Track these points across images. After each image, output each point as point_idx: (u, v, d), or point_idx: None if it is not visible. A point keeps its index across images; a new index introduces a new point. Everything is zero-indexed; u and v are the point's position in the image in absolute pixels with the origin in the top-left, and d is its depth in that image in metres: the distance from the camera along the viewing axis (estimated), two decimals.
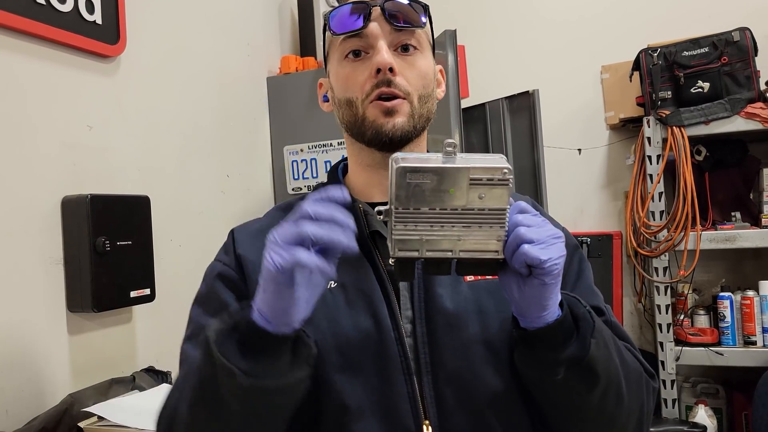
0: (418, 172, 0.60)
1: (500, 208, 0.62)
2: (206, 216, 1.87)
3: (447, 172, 0.60)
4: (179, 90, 1.80)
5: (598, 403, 0.71)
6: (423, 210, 0.61)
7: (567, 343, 0.68)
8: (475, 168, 0.61)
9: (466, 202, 0.61)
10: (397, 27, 0.80)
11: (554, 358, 0.67)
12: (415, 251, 0.63)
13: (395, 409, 0.73)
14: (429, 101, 0.83)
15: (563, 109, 2.67)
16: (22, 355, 1.28)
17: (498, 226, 0.62)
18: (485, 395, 0.75)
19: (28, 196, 1.32)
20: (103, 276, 1.38)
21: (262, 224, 0.87)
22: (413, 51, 0.82)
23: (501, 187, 0.61)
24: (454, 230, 0.62)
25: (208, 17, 1.97)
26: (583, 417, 0.73)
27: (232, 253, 0.84)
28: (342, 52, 0.82)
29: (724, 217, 2.28)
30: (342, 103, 0.83)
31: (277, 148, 2.25)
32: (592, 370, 0.68)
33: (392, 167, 0.61)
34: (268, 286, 0.61)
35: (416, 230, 0.62)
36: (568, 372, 0.67)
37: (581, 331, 0.68)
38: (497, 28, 2.78)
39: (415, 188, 0.61)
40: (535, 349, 0.68)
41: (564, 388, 0.69)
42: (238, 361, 0.62)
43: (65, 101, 1.43)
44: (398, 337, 0.75)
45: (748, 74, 2.15)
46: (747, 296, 2.16)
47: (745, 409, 2.25)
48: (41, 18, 1.34)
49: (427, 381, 0.74)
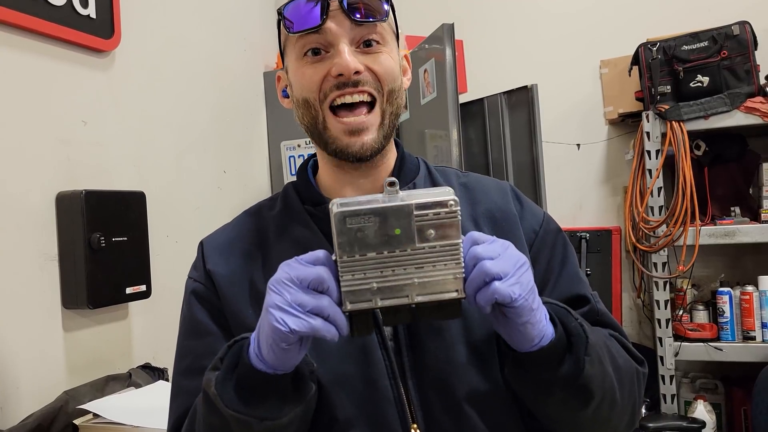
0: (358, 215, 0.57)
1: (452, 243, 0.58)
2: (203, 212, 1.86)
3: (389, 212, 0.57)
4: (175, 85, 1.79)
5: (592, 414, 0.71)
6: (370, 255, 0.58)
7: (561, 364, 0.66)
8: (419, 204, 0.58)
9: (415, 242, 0.58)
10: (358, 22, 0.73)
11: (548, 379, 0.66)
12: (368, 301, 0.59)
13: (383, 415, 0.73)
14: (398, 95, 0.79)
15: (562, 104, 2.66)
16: (17, 352, 1.27)
17: (453, 263, 0.59)
18: (470, 396, 0.74)
19: (22, 191, 1.31)
20: (98, 272, 1.37)
21: (231, 235, 0.85)
22: (377, 46, 0.76)
23: (449, 220, 0.58)
24: (407, 273, 0.59)
25: (204, 12, 1.95)
26: (577, 426, 0.73)
27: (201, 268, 0.83)
28: (300, 50, 0.76)
29: (723, 212, 2.28)
30: (300, 103, 0.79)
31: (274, 143, 2.24)
32: (587, 388, 0.67)
33: (331, 213, 0.58)
34: (276, 347, 0.60)
35: (366, 278, 0.58)
36: (563, 391, 0.67)
37: (574, 348, 0.66)
38: (495, 23, 2.77)
39: (357, 233, 0.57)
40: (527, 370, 0.67)
41: (558, 404, 0.69)
42: (250, 409, 0.63)
43: (59, 96, 1.41)
44: (381, 342, 0.74)
45: (748, 68, 2.14)
46: (746, 291, 2.16)
47: (744, 405, 2.24)
48: (35, 12, 1.32)
49: (412, 385, 0.74)
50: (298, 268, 0.60)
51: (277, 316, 0.58)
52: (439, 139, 2.04)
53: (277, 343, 0.59)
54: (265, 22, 2.27)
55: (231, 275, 0.80)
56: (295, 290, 0.59)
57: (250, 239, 0.83)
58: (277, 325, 0.58)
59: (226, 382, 0.64)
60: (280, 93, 0.87)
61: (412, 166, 0.86)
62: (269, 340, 0.60)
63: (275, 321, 0.58)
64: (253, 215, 0.88)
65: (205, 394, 0.65)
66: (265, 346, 0.61)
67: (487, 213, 0.82)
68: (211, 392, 0.64)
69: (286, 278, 0.59)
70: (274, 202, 0.87)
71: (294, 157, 2.19)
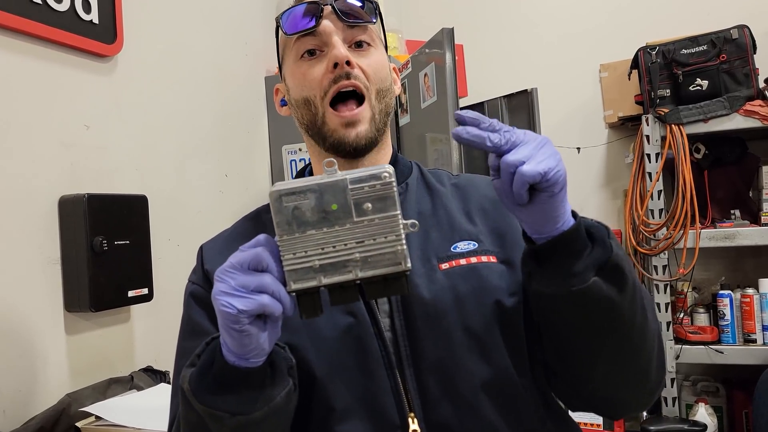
0: (294, 194, 0.58)
1: (390, 215, 0.58)
2: (204, 215, 1.87)
3: (324, 188, 0.58)
4: (177, 89, 1.80)
5: (629, 309, 0.69)
6: (309, 233, 0.58)
7: (587, 249, 0.67)
8: (353, 178, 0.58)
9: (353, 217, 0.58)
10: (350, 23, 0.80)
11: (579, 264, 0.66)
12: (312, 279, 0.59)
13: (380, 404, 0.73)
14: (387, 95, 0.83)
15: (562, 108, 2.67)
16: (20, 355, 1.27)
17: (393, 235, 0.58)
18: (470, 383, 0.74)
19: (25, 195, 1.32)
20: (101, 275, 1.37)
21: (230, 239, 0.87)
22: (367, 47, 0.82)
23: (385, 192, 0.58)
24: (348, 249, 0.58)
25: (206, 16, 1.96)
26: (616, 330, 0.70)
27: (200, 270, 0.85)
28: (297, 53, 0.82)
29: (723, 215, 2.28)
30: (300, 104, 0.83)
31: (276, 147, 2.24)
32: (619, 269, 0.67)
33: (269, 195, 0.59)
34: (231, 331, 0.60)
35: (307, 256, 0.58)
36: (597, 276, 0.66)
37: (597, 235, 0.68)
38: (495, 27, 2.78)
39: (294, 211, 0.58)
40: (556, 262, 0.67)
41: (594, 297, 0.66)
42: (220, 403, 0.63)
43: (62, 101, 1.42)
44: (378, 332, 0.75)
45: (747, 72, 2.15)
46: (747, 294, 2.16)
47: (746, 407, 2.24)
48: (37, 17, 1.33)
49: (409, 373, 0.74)
50: (239, 255, 0.61)
51: (223, 300, 0.59)
52: (439, 142, 2.05)
53: (230, 326, 0.60)
54: (267, 27, 2.28)
55: None
56: (237, 274, 0.60)
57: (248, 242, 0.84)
58: (225, 309, 0.59)
59: (202, 377, 0.65)
60: (278, 103, 0.91)
61: (404, 167, 0.90)
62: (224, 326, 0.61)
63: (222, 305, 0.59)
64: (252, 220, 0.90)
65: (182, 390, 0.66)
66: (225, 334, 0.62)
67: (478, 206, 0.85)
68: (186, 388, 0.65)
69: (228, 266, 0.61)
70: None
71: (295, 160, 2.20)
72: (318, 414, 0.75)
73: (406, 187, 0.86)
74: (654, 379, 0.77)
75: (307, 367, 0.74)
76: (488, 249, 0.81)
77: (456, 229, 0.82)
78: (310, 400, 0.75)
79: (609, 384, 0.74)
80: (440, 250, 0.80)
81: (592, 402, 0.79)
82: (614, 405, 0.79)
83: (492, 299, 0.77)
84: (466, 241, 0.81)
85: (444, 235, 0.81)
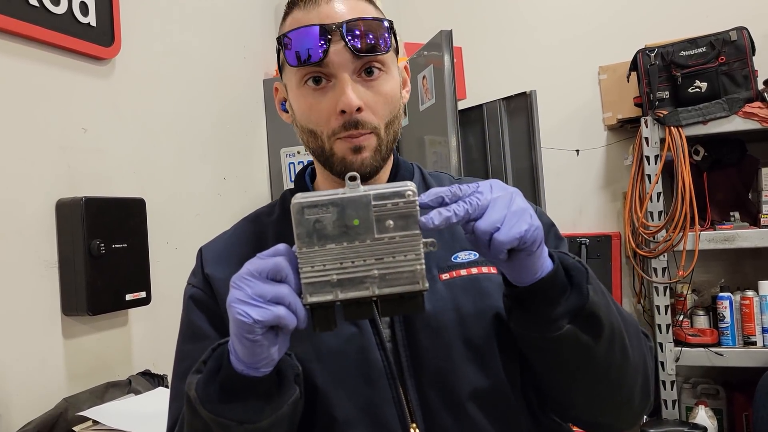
0: (317, 207, 0.57)
1: (411, 234, 0.58)
2: (203, 218, 1.86)
3: (347, 203, 0.57)
4: (175, 92, 1.80)
5: (605, 354, 0.69)
6: (329, 247, 0.57)
7: (564, 294, 0.67)
8: (377, 194, 0.57)
9: (374, 233, 0.57)
10: (360, 56, 0.73)
11: (555, 312, 0.66)
12: (329, 293, 0.58)
13: (382, 415, 0.73)
14: (395, 124, 0.80)
15: (561, 110, 2.67)
16: (17, 358, 1.27)
17: (413, 254, 0.58)
18: (471, 394, 0.74)
19: (23, 198, 1.31)
20: (99, 279, 1.37)
21: (230, 241, 0.87)
22: (378, 74, 0.76)
23: (408, 210, 0.57)
24: (367, 265, 0.58)
25: (204, 19, 1.96)
26: (592, 373, 0.71)
27: (200, 273, 0.84)
28: (300, 78, 0.76)
29: (722, 217, 2.28)
30: (305, 131, 0.79)
31: (274, 150, 2.24)
32: (595, 317, 0.67)
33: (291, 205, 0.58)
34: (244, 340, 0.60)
35: (325, 270, 0.58)
36: (571, 324, 0.66)
37: (575, 279, 0.67)
38: (494, 29, 2.78)
39: (316, 224, 0.57)
40: (533, 307, 0.67)
41: (569, 343, 0.67)
42: (228, 412, 0.62)
43: (60, 104, 1.42)
44: (380, 343, 0.75)
45: (746, 74, 2.15)
46: (746, 296, 2.16)
47: (746, 410, 2.24)
48: (35, 20, 1.33)
49: (411, 384, 0.74)
50: (257, 262, 0.60)
51: (239, 308, 0.58)
52: (438, 145, 2.05)
53: (244, 335, 0.59)
54: (265, 30, 2.28)
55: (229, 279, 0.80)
56: (255, 282, 0.59)
57: (249, 244, 0.84)
58: (241, 318, 0.58)
59: (209, 385, 0.64)
60: (278, 105, 0.88)
61: (406, 172, 0.89)
62: (237, 335, 0.60)
63: (237, 314, 0.58)
64: (251, 222, 0.89)
65: (187, 397, 0.65)
66: (236, 342, 0.61)
67: None
68: (192, 395, 0.64)
69: (246, 273, 0.60)
70: (272, 209, 0.89)
71: (294, 163, 2.19)
72: (320, 423, 0.74)
73: None
74: (637, 406, 0.77)
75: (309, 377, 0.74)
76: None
77: (457, 238, 0.81)
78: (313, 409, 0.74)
79: (591, 411, 0.77)
80: (441, 260, 0.79)
81: (578, 423, 0.81)
82: (599, 427, 0.81)
83: (492, 311, 0.77)
84: (467, 251, 0.80)
85: (445, 243, 0.80)
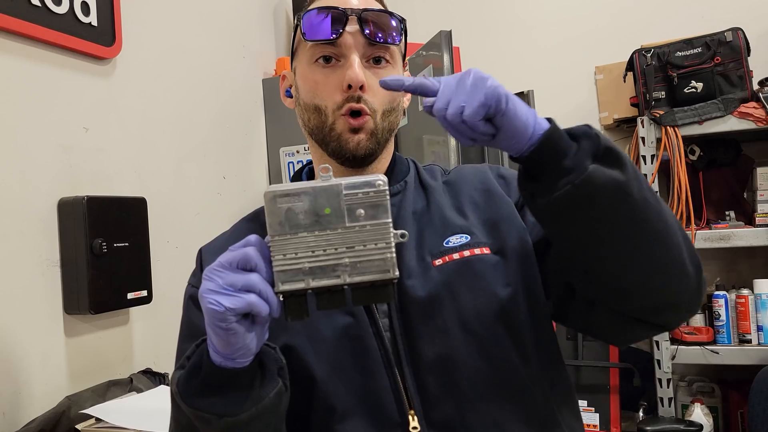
0: (288, 195, 0.59)
1: (381, 223, 0.59)
2: (203, 217, 1.87)
3: (318, 192, 0.59)
4: (175, 92, 1.80)
5: (636, 185, 0.66)
6: (301, 235, 0.59)
7: (573, 146, 0.66)
8: (348, 184, 0.59)
9: (345, 221, 0.59)
10: (373, 42, 0.78)
11: (572, 160, 0.64)
12: (300, 281, 0.59)
13: (380, 403, 0.74)
14: (393, 114, 0.83)
15: (558, 110, 2.65)
16: (19, 357, 1.27)
17: (384, 243, 0.59)
18: (470, 378, 0.75)
19: (24, 198, 1.32)
20: (100, 278, 1.37)
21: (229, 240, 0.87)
22: (385, 64, 0.81)
23: (378, 200, 0.59)
24: (338, 253, 0.59)
25: (204, 19, 1.97)
26: (631, 210, 0.66)
27: (199, 273, 0.86)
28: (312, 56, 0.80)
29: (718, 216, 2.30)
30: (309, 108, 0.82)
31: (273, 149, 2.25)
32: (613, 151, 0.65)
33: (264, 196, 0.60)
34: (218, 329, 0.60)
35: (297, 258, 0.59)
36: (594, 162, 0.64)
37: (581, 129, 0.67)
38: (492, 30, 2.79)
39: (288, 212, 0.59)
40: (549, 167, 0.66)
41: (598, 182, 0.64)
42: (207, 406, 0.63)
43: (61, 103, 1.42)
44: (376, 332, 0.76)
45: (741, 74, 2.16)
46: (742, 295, 2.17)
47: (741, 407, 2.26)
48: (36, 20, 1.33)
49: (408, 372, 0.75)
50: (228, 254, 0.61)
51: (210, 298, 0.60)
52: (437, 144, 2.06)
53: (216, 324, 0.60)
54: (264, 30, 2.29)
55: None
56: (226, 273, 0.60)
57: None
58: (212, 307, 0.59)
59: (190, 379, 0.65)
60: (283, 92, 0.90)
61: (402, 166, 0.91)
62: (211, 324, 0.61)
63: (209, 303, 0.59)
64: (250, 221, 0.91)
65: (171, 392, 0.66)
66: (211, 333, 0.62)
67: (469, 199, 0.86)
68: (174, 390, 0.65)
69: (217, 265, 0.61)
70: None
71: (293, 162, 2.20)
72: (318, 414, 0.75)
73: (405, 185, 0.87)
74: (692, 272, 0.73)
75: (306, 368, 0.75)
76: (481, 241, 0.81)
77: (448, 224, 0.82)
78: (311, 400, 0.75)
79: (650, 287, 0.71)
80: (433, 246, 0.80)
81: (643, 314, 0.75)
82: (663, 310, 0.75)
83: (487, 292, 0.77)
84: (458, 234, 0.81)
85: (436, 231, 0.82)
